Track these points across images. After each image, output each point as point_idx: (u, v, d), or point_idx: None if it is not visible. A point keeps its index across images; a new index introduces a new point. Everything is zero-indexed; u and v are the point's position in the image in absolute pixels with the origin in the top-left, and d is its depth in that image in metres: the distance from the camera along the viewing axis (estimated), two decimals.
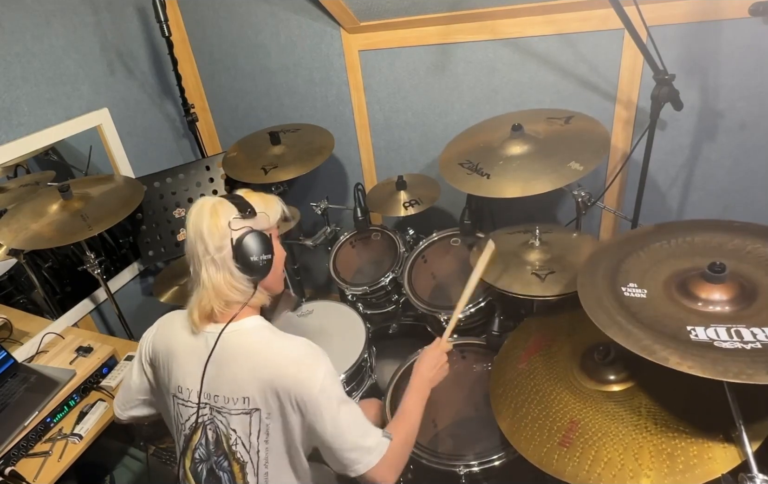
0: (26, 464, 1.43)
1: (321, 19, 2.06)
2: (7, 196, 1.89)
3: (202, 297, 1.07)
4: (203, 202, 1.07)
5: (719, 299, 0.97)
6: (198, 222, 1.04)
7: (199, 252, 1.04)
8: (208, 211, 1.04)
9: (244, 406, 1.04)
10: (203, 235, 1.03)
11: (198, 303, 1.07)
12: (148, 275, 2.43)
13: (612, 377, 1.13)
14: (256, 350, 1.05)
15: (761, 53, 1.49)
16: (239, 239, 1.04)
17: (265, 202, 1.12)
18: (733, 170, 1.69)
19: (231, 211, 1.05)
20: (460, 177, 1.57)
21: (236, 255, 1.04)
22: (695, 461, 0.90)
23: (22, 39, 1.83)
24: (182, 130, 2.55)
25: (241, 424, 1.05)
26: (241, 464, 1.08)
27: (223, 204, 1.06)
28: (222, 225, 1.03)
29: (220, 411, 1.07)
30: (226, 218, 1.04)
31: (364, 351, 1.69)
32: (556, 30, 1.72)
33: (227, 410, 1.06)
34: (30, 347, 1.85)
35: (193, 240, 1.05)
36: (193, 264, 1.08)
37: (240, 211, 1.06)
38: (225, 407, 1.06)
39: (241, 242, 1.04)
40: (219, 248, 1.03)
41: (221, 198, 1.08)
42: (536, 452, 1.06)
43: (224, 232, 1.03)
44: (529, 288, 1.42)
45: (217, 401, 1.07)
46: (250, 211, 1.07)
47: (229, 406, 1.06)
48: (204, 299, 1.06)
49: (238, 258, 1.04)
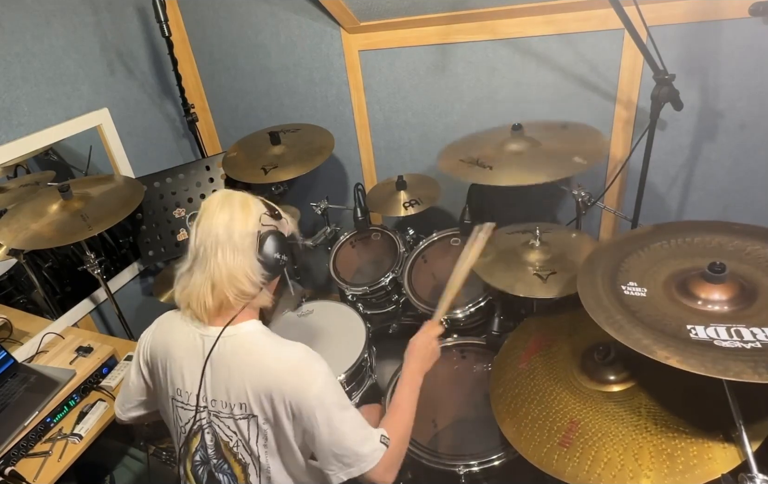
0: (26, 464, 1.43)
1: (321, 19, 2.06)
2: (7, 196, 1.89)
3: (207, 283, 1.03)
4: (229, 194, 1.08)
5: (719, 298, 0.97)
6: (223, 212, 1.04)
7: (220, 237, 1.02)
8: (238, 204, 1.06)
9: (242, 411, 1.04)
10: (228, 224, 1.03)
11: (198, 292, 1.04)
12: (148, 275, 2.43)
13: (612, 377, 1.13)
14: (252, 357, 1.04)
15: (761, 53, 1.49)
16: (266, 234, 1.07)
17: (286, 211, 1.18)
18: (733, 170, 1.69)
19: (262, 207, 1.09)
20: (462, 169, 1.58)
21: (260, 247, 1.05)
22: (695, 461, 0.90)
23: (22, 39, 1.83)
24: (182, 130, 2.55)
25: (240, 428, 1.05)
26: (243, 466, 1.08)
27: (254, 199, 1.10)
28: (253, 218, 1.06)
29: (218, 415, 1.06)
30: (257, 213, 1.07)
31: (364, 351, 1.69)
32: (556, 30, 1.72)
33: (225, 415, 1.05)
34: (30, 347, 1.85)
35: (212, 228, 1.03)
36: (201, 251, 1.04)
37: (270, 210, 1.11)
38: (223, 412, 1.06)
39: (267, 237, 1.06)
40: (244, 235, 1.04)
41: (247, 194, 1.10)
42: (536, 453, 1.06)
43: (254, 224, 1.06)
44: (532, 289, 1.42)
45: (215, 406, 1.06)
46: (278, 213, 1.13)
47: (227, 410, 1.05)
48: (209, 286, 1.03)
49: (261, 250, 1.05)
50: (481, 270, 1.55)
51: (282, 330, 1.88)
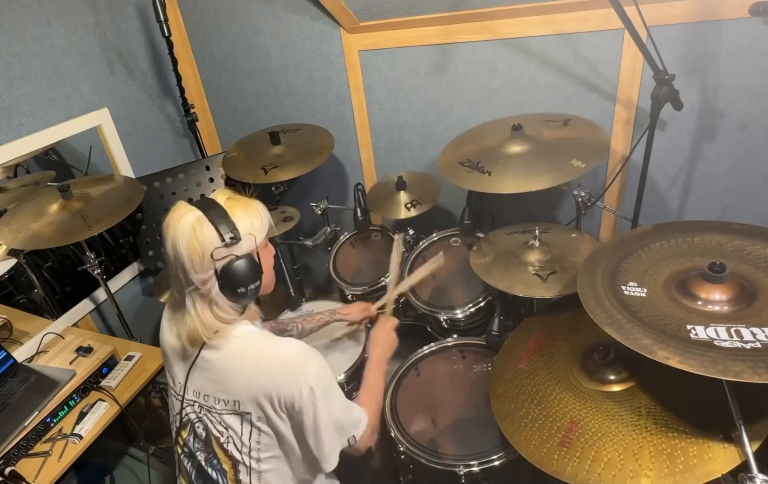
0: (26, 464, 1.43)
1: (321, 19, 2.06)
2: (7, 196, 1.89)
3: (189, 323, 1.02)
4: (182, 216, 0.98)
5: (719, 298, 0.97)
6: (176, 240, 0.97)
7: (182, 278, 0.99)
8: (187, 232, 0.96)
9: (235, 408, 1.05)
10: (183, 261, 0.96)
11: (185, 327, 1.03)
12: (148, 275, 2.43)
13: (612, 377, 1.13)
14: (246, 357, 1.05)
15: (761, 53, 1.49)
16: (224, 269, 0.98)
17: (249, 217, 1.02)
18: (733, 170, 1.69)
19: (212, 238, 0.96)
20: (461, 175, 1.57)
21: (222, 286, 0.99)
22: (695, 461, 0.90)
23: (22, 39, 1.83)
24: (182, 130, 2.55)
25: (232, 424, 1.06)
26: (233, 462, 1.08)
27: (202, 226, 0.96)
28: (203, 254, 0.96)
29: (210, 411, 1.08)
30: (208, 246, 0.96)
31: (364, 351, 1.69)
32: (556, 30, 1.72)
33: (217, 411, 1.06)
34: (30, 347, 1.85)
35: (172, 258, 0.99)
36: (175, 285, 1.03)
37: (221, 238, 0.96)
38: (215, 408, 1.07)
39: (227, 272, 0.98)
40: (203, 281, 0.98)
41: (200, 217, 0.97)
42: (536, 453, 1.06)
43: (207, 263, 0.96)
44: (532, 289, 1.42)
45: (207, 400, 1.08)
46: (233, 237, 0.97)
47: (219, 407, 1.06)
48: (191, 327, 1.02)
49: (224, 289, 0.99)
50: (482, 271, 1.55)
51: None
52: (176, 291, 1.05)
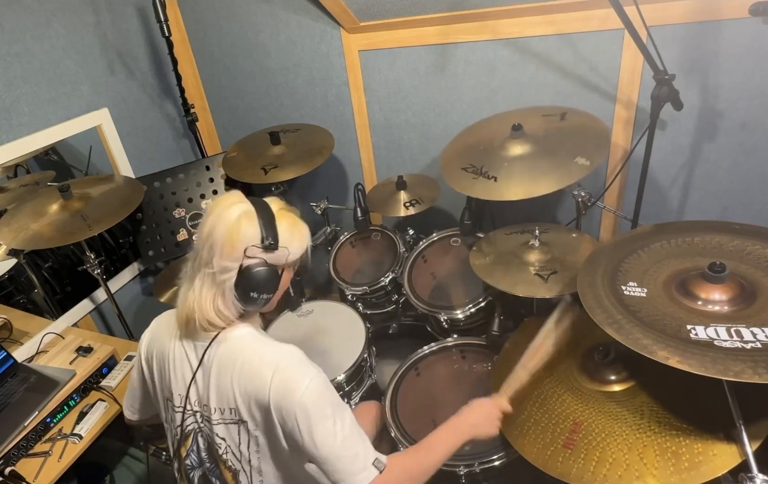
0: (26, 464, 1.43)
1: (321, 19, 2.06)
2: (7, 196, 1.89)
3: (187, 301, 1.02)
4: (234, 204, 1.00)
5: (719, 298, 0.97)
6: (219, 221, 0.98)
7: (204, 256, 0.99)
8: (233, 219, 0.97)
9: (232, 416, 1.02)
10: (215, 241, 0.97)
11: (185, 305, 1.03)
12: (148, 275, 2.43)
13: (613, 377, 1.13)
14: (239, 361, 1.01)
15: (761, 53, 1.49)
16: (248, 268, 0.98)
17: (291, 234, 1.03)
18: (733, 170, 1.69)
19: (254, 233, 0.98)
20: (467, 182, 1.55)
21: (239, 282, 0.99)
22: (700, 458, 0.90)
23: (22, 39, 1.83)
24: (182, 130, 2.55)
25: (229, 433, 1.04)
26: (234, 472, 1.06)
27: (250, 220, 0.98)
28: (238, 246, 0.97)
29: (209, 420, 1.05)
30: (245, 241, 0.97)
31: (364, 351, 1.69)
32: (556, 30, 1.72)
33: (216, 420, 1.04)
34: (30, 347, 1.85)
35: (205, 236, 0.99)
36: (195, 261, 1.03)
37: (262, 239, 0.98)
38: (213, 417, 1.04)
39: (248, 272, 0.98)
40: (225, 268, 0.98)
41: (250, 211, 0.99)
42: (540, 456, 1.06)
43: (237, 255, 0.97)
44: (533, 289, 1.42)
45: (206, 411, 1.05)
46: (272, 243, 0.99)
47: (217, 416, 1.04)
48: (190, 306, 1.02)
49: (239, 285, 0.99)
50: (482, 271, 1.55)
51: (282, 330, 1.89)
52: (191, 268, 1.04)
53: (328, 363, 1.67)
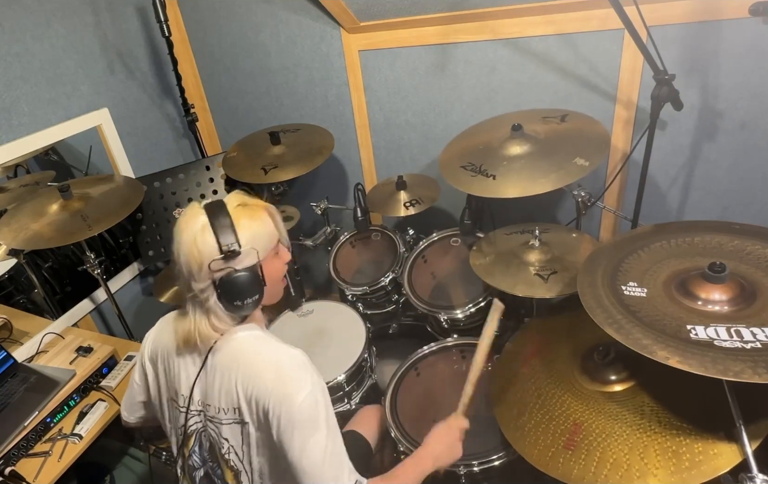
0: (26, 464, 1.43)
1: (321, 19, 2.06)
2: (7, 196, 1.89)
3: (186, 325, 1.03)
4: (189, 221, 0.98)
5: (719, 298, 0.97)
6: (180, 246, 0.98)
7: (184, 283, 1.00)
8: (190, 239, 0.96)
9: (235, 416, 1.02)
10: (182, 269, 0.98)
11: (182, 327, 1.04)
12: (148, 275, 2.43)
13: (613, 377, 1.13)
14: (242, 361, 1.01)
15: (761, 53, 1.49)
16: (223, 281, 0.97)
17: (253, 231, 0.99)
18: (733, 170, 1.69)
19: (212, 249, 0.95)
20: (465, 180, 1.55)
21: (220, 296, 0.98)
22: (701, 457, 0.90)
23: (22, 39, 1.83)
24: (182, 130, 2.55)
25: (232, 434, 1.04)
26: (236, 473, 1.06)
27: (204, 235, 0.95)
28: (202, 264, 0.95)
29: (212, 420, 1.05)
30: (206, 257, 0.95)
31: (364, 351, 1.69)
32: (556, 30, 1.72)
33: (219, 420, 1.04)
34: (30, 347, 1.85)
35: (178, 264, 0.99)
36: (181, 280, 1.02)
37: (221, 250, 0.95)
38: (216, 417, 1.05)
39: (225, 284, 0.97)
40: (201, 289, 0.97)
41: (204, 225, 0.96)
42: (542, 457, 1.06)
43: (205, 273, 0.96)
44: (533, 289, 1.42)
45: (209, 410, 1.05)
46: (232, 251, 0.95)
47: (221, 416, 1.04)
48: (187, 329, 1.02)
49: (222, 298, 0.98)
50: (482, 271, 1.55)
51: (282, 330, 1.89)
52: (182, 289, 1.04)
53: (329, 363, 1.67)
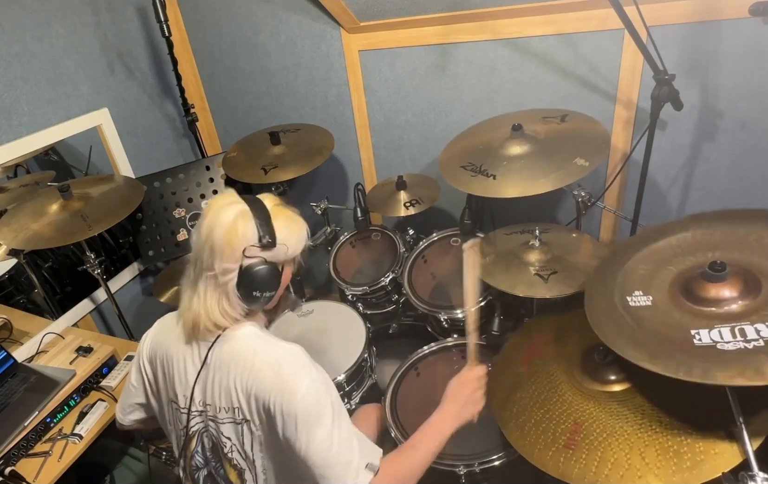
0: (26, 464, 1.43)
1: (321, 19, 2.06)
2: (7, 196, 1.89)
3: (192, 307, 1.03)
4: (228, 204, 1.00)
5: (724, 296, 0.96)
6: (215, 224, 0.98)
7: (204, 260, 1.00)
8: (229, 220, 0.98)
9: (235, 416, 1.02)
10: (214, 245, 0.98)
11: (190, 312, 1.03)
12: (148, 275, 2.43)
13: (613, 377, 1.12)
14: (242, 360, 1.01)
15: (761, 53, 1.49)
16: (248, 268, 0.99)
17: (289, 229, 1.04)
18: (733, 170, 1.69)
19: (251, 234, 0.98)
20: (465, 180, 1.55)
21: (240, 282, 0.99)
22: (702, 456, 0.90)
23: (22, 39, 1.83)
24: (182, 130, 2.55)
25: (234, 433, 1.04)
26: (239, 471, 1.06)
27: (245, 221, 0.98)
28: (236, 247, 0.97)
29: (214, 420, 1.05)
30: (243, 242, 0.98)
31: (364, 351, 1.69)
32: (556, 30, 1.72)
33: (220, 420, 1.04)
34: (30, 347, 1.85)
35: (203, 239, 0.99)
36: (196, 265, 1.03)
37: (260, 238, 0.99)
38: (218, 417, 1.04)
39: (249, 272, 0.99)
40: (226, 270, 0.98)
41: (245, 211, 0.99)
42: (542, 456, 1.05)
43: (237, 256, 0.98)
44: (533, 289, 1.41)
45: (209, 410, 1.05)
46: (269, 241, 1.00)
47: (222, 415, 1.04)
48: (196, 312, 1.02)
49: (240, 286, 1.00)
50: (482, 271, 1.55)
51: (282, 330, 1.89)
52: (193, 272, 1.04)
53: (329, 363, 1.67)
